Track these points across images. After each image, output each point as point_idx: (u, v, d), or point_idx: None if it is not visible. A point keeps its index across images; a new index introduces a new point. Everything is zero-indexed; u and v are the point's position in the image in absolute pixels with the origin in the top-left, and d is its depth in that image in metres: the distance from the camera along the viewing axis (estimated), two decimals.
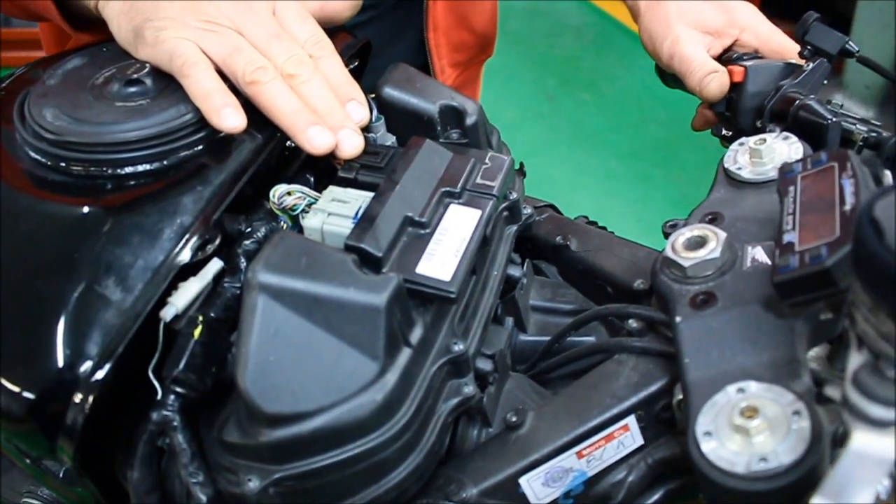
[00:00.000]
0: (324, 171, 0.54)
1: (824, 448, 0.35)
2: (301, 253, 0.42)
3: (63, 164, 0.47)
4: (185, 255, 0.43)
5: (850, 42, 0.59)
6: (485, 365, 0.51)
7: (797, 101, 0.58)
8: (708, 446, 0.37)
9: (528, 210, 0.60)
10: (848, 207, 0.40)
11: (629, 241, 0.60)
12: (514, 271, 0.58)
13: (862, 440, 0.30)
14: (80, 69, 0.53)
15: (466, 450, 0.51)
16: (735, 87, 0.63)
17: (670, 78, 0.77)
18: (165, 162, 0.48)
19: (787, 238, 0.42)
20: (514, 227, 0.59)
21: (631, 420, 0.47)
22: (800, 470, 0.35)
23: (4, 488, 0.71)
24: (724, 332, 0.43)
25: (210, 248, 0.43)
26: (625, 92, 3.29)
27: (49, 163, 0.47)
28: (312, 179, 0.54)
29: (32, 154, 0.48)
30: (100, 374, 0.40)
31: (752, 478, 0.35)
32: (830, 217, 0.41)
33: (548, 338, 0.59)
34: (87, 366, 0.40)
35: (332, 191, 0.49)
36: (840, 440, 0.34)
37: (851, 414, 0.30)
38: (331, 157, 0.51)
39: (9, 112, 0.51)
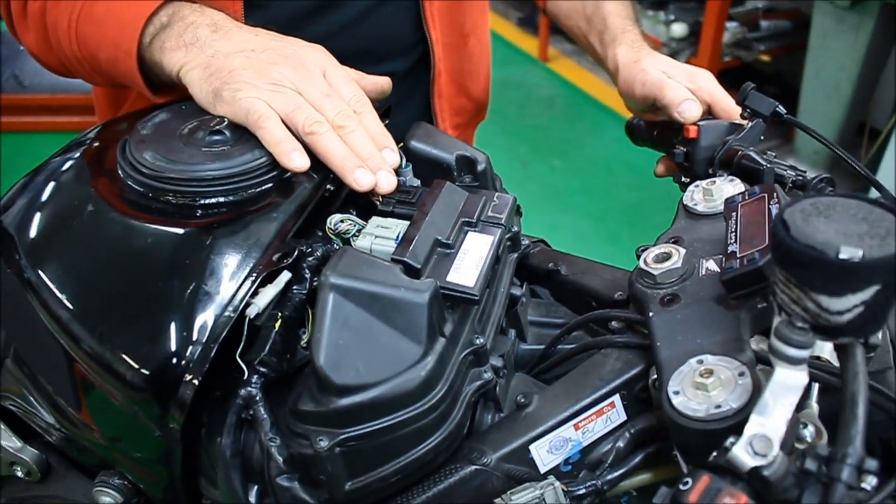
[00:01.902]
0: (363, 205, 0.67)
1: (761, 397, 0.48)
2: (361, 263, 0.54)
3: (161, 195, 0.59)
4: (266, 266, 0.55)
5: (779, 107, 0.75)
6: (496, 362, 0.63)
7: (739, 153, 0.72)
8: (677, 400, 0.49)
9: (525, 241, 0.73)
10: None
11: (608, 265, 0.74)
12: (516, 291, 0.70)
13: (782, 373, 0.42)
14: (167, 122, 0.66)
15: (483, 430, 0.62)
16: (690, 142, 0.77)
17: (639, 137, 0.91)
18: (244, 195, 0.60)
19: (730, 248, 0.55)
20: (515, 255, 0.72)
21: (616, 398, 0.59)
22: (745, 412, 0.47)
23: (64, 490, 0.79)
24: (686, 322, 0.56)
25: (287, 261, 0.55)
26: (593, 158, 3.50)
27: (150, 194, 0.59)
28: (354, 212, 0.66)
29: (135, 186, 0.60)
30: (206, 358, 0.51)
31: (711, 419, 0.48)
32: (762, 232, 0.54)
33: (543, 347, 0.71)
34: (196, 350, 0.51)
35: (376, 220, 0.62)
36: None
37: (774, 356, 0.43)
38: (370, 193, 0.64)
39: (111, 155, 0.63)
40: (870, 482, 0.42)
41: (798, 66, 2.94)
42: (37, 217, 0.62)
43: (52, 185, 0.65)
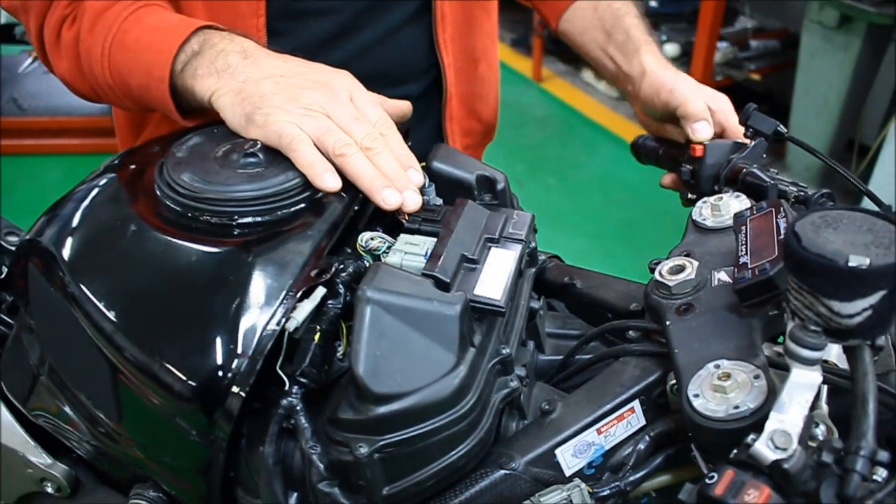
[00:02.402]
0: (388, 223, 0.70)
1: (776, 398, 0.51)
2: (395, 277, 0.57)
3: (200, 215, 0.62)
4: (305, 282, 0.58)
5: (780, 126, 0.79)
6: (520, 371, 0.66)
7: (744, 170, 0.76)
8: (697, 402, 0.53)
9: (542, 257, 0.76)
10: (782, 237, 0.58)
11: (622, 279, 0.77)
12: (535, 304, 0.74)
13: (797, 374, 0.46)
14: (201, 145, 0.69)
15: (508, 437, 0.65)
16: (696, 161, 0.81)
17: (644, 155, 0.95)
18: (279, 214, 0.63)
19: (742, 260, 0.59)
20: (533, 270, 0.75)
21: (636, 404, 0.62)
22: (762, 412, 0.50)
23: None
24: (701, 330, 0.59)
25: (325, 277, 0.58)
26: (588, 177, 3.55)
27: (189, 214, 0.63)
28: (380, 229, 0.69)
29: (174, 206, 0.63)
30: (252, 371, 0.54)
31: (730, 419, 0.51)
32: (771, 244, 0.58)
33: (561, 357, 0.74)
34: (243, 363, 0.54)
35: (404, 237, 0.65)
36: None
37: (790, 358, 0.46)
38: (396, 212, 0.67)
39: (147, 176, 0.67)
40: (880, 474, 0.45)
41: (788, 84, 3.01)
42: (78, 236, 0.65)
43: (89, 206, 0.68)
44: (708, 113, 0.82)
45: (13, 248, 1.00)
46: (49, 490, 0.82)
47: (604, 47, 0.99)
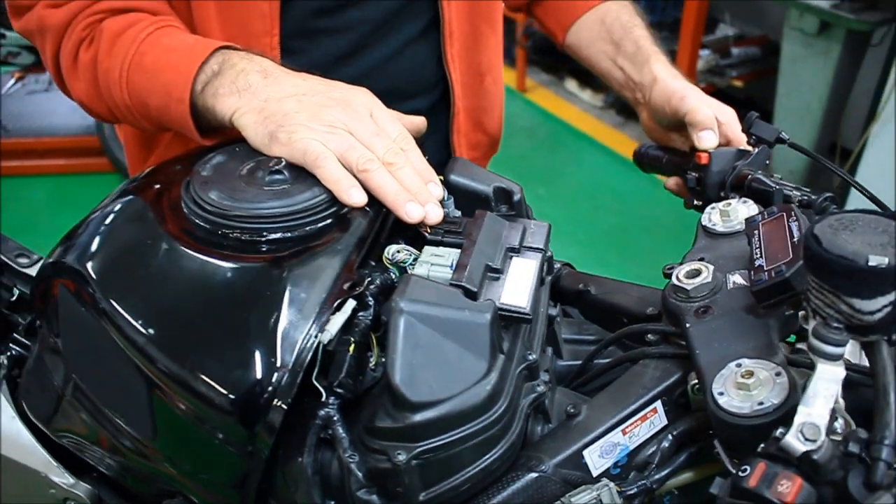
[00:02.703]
0: (410, 236, 0.72)
1: (798, 392, 0.53)
2: (426, 288, 0.59)
3: (229, 232, 0.64)
4: (338, 295, 0.60)
5: (782, 133, 0.82)
6: (544, 377, 0.68)
7: (749, 176, 0.79)
8: (722, 400, 0.55)
9: (557, 265, 0.79)
10: (795, 239, 0.60)
11: (635, 284, 0.79)
12: (552, 311, 0.76)
13: (822, 369, 0.48)
14: (225, 163, 0.70)
15: (534, 441, 0.67)
16: (702, 168, 0.84)
17: (647, 164, 0.98)
18: (307, 230, 0.65)
19: (757, 263, 0.61)
20: (549, 277, 0.77)
21: (658, 404, 0.64)
22: (785, 406, 0.52)
23: None
24: (721, 331, 0.61)
25: (358, 289, 0.60)
26: (576, 185, 3.59)
27: (219, 231, 0.64)
28: (402, 242, 0.71)
29: (202, 224, 0.65)
30: (293, 384, 0.56)
31: (755, 415, 0.53)
32: (784, 247, 0.61)
33: (579, 362, 0.76)
34: (283, 376, 0.56)
35: (429, 249, 0.67)
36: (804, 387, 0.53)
37: (815, 354, 0.49)
38: (419, 225, 0.69)
39: (172, 195, 0.68)
40: None
41: (769, 90, 3.07)
42: (109, 255, 0.66)
43: (116, 225, 0.69)
44: (715, 122, 0.84)
45: (24, 270, 1.01)
46: None
47: (613, 58, 1.01)
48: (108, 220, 0.70)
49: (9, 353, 0.87)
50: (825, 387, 0.48)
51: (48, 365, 0.76)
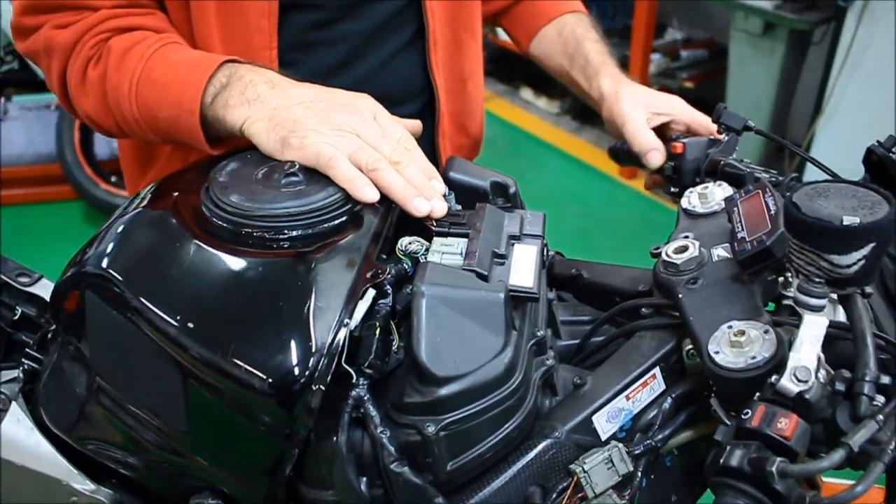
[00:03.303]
0: (414, 230, 0.77)
1: (785, 347, 0.59)
2: (444, 273, 0.64)
3: (252, 232, 0.68)
4: (363, 283, 0.64)
5: (749, 121, 0.89)
6: (550, 353, 0.73)
7: (722, 162, 0.86)
8: (718, 357, 0.61)
9: (551, 252, 0.84)
10: (772, 212, 0.67)
11: (624, 266, 0.85)
12: (549, 294, 0.81)
13: (808, 319, 0.54)
14: (239, 169, 0.74)
15: (544, 412, 0.72)
16: (677, 158, 0.90)
17: (623, 158, 1.05)
18: (325, 227, 0.69)
19: (740, 235, 0.68)
20: (545, 262, 0.83)
21: (656, 371, 0.70)
22: (775, 359, 0.58)
23: None
24: (711, 299, 0.67)
25: (380, 278, 0.65)
26: (538, 191, 3.66)
27: (242, 231, 0.68)
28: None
29: (226, 226, 0.68)
30: (330, 367, 0.60)
31: (749, 368, 0.59)
32: (763, 219, 0.67)
33: (577, 341, 0.82)
34: (321, 361, 0.60)
35: (438, 240, 0.72)
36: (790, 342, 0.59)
37: (800, 307, 0.55)
38: (425, 218, 0.74)
39: (193, 200, 0.72)
40: (879, 400, 0.54)
41: (718, 90, 3.20)
42: (139, 260, 0.69)
43: (134, 231, 0.73)
44: (655, 143, 0.93)
45: (26, 289, 1.03)
46: None
47: (569, 70, 1.10)
48: (126, 229, 0.73)
49: (23, 368, 0.88)
50: (811, 335, 0.54)
51: (69, 374, 0.79)
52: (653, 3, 3.16)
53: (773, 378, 0.54)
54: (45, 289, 1.03)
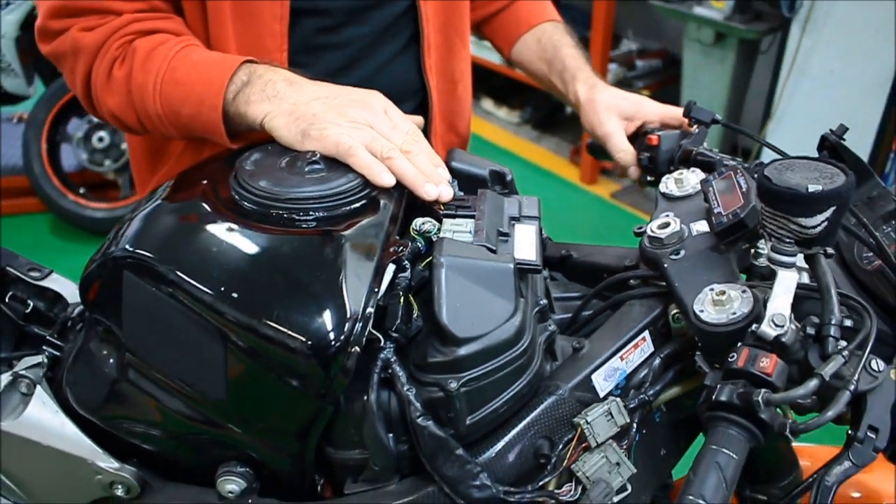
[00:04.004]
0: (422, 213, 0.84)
1: (760, 304, 0.68)
2: (459, 247, 0.72)
3: (283, 213, 0.74)
4: (388, 257, 0.71)
5: (716, 115, 0.99)
6: (553, 326, 0.81)
7: (694, 151, 0.95)
8: (703, 315, 0.69)
9: (544, 234, 0.92)
10: (744, 189, 0.76)
11: (608, 246, 0.94)
12: (544, 273, 0.89)
13: (781, 274, 0.63)
14: (263, 158, 0.81)
15: (549, 374, 0.79)
16: (653, 149, 0.99)
17: (599, 153, 1.14)
18: (347, 209, 0.76)
19: (716, 210, 0.76)
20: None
21: (646, 334, 0.78)
22: (753, 314, 0.67)
23: (164, 500, 0.88)
24: (693, 267, 0.76)
25: (403, 252, 0.72)
26: None
27: (271, 212, 0.74)
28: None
29: (254, 207, 0.74)
30: (364, 331, 0.66)
31: (731, 323, 0.67)
32: (736, 196, 0.76)
33: (570, 315, 0.90)
34: (356, 326, 0.66)
35: (448, 221, 0.79)
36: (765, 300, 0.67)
37: (775, 264, 0.64)
38: (433, 202, 0.81)
39: (223, 187, 0.78)
40: (842, 343, 0.63)
41: (673, 97, 3.34)
42: (174, 241, 0.74)
43: (165, 216, 0.78)
44: (625, 145, 1.04)
45: (38, 283, 1.07)
46: (119, 492, 0.89)
47: (547, 75, 1.19)
48: (157, 215, 0.79)
49: (45, 354, 0.93)
50: (785, 287, 0.63)
51: (96, 355, 0.84)
52: (609, 15, 3.29)
53: (754, 326, 0.63)
54: (55, 283, 1.07)
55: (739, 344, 0.65)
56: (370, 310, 0.67)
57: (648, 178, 1.02)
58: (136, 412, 0.83)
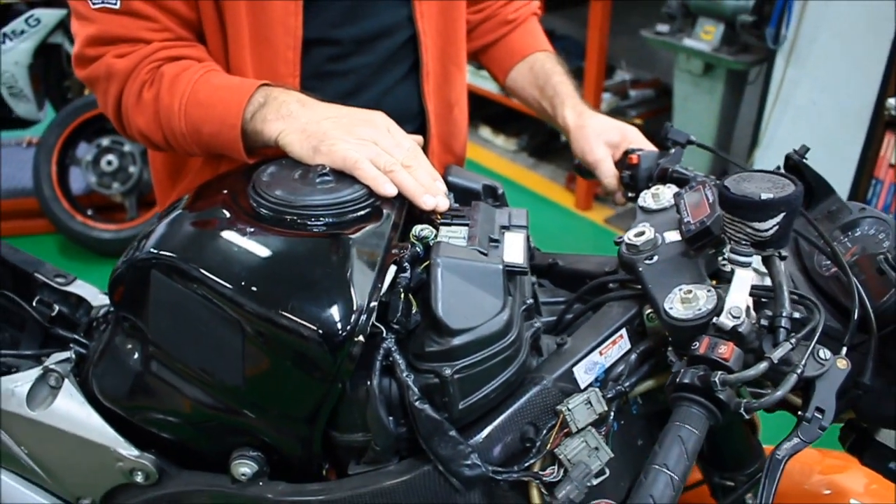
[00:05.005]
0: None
1: (723, 301, 0.76)
2: (454, 249, 0.80)
3: (296, 219, 0.82)
4: (390, 259, 0.79)
5: (691, 136, 1.08)
6: (538, 323, 0.89)
7: (670, 169, 1.04)
8: (673, 312, 0.77)
9: (532, 243, 1.01)
10: (711, 200, 0.84)
11: (592, 255, 1.02)
12: (531, 278, 0.97)
13: (739, 273, 0.71)
14: (279, 171, 0.89)
15: (534, 368, 0.87)
16: (633, 168, 1.08)
17: (585, 173, 1.22)
18: (353, 216, 0.84)
19: (686, 219, 0.85)
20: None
21: (623, 332, 0.86)
22: (716, 310, 0.75)
23: (181, 486, 0.95)
24: (665, 271, 0.84)
25: (404, 254, 0.80)
26: None
27: (285, 217, 0.82)
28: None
29: (270, 213, 0.83)
30: (368, 323, 0.75)
31: (697, 318, 0.75)
32: (704, 206, 0.84)
33: (555, 318, 0.98)
34: (361, 318, 0.74)
35: (444, 228, 0.87)
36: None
37: (733, 264, 0.72)
38: (431, 212, 0.90)
39: (241, 197, 0.86)
40: (793, 335, 0.71)
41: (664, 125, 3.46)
42: (193, 240, 0.83)
43: (187, 222, 0.86)
44: (612, 170, 1.13)
45: (63, 289, 1.15)
46: (138, 479, 0.96)
47: (539, 101, 1.29)
48: (180, 221, 0.87)
49: (73, 350, 1.00)
50: (741, 284, 0.71)
51: (122, 350, 0.92)
52: (602, 46, 3.41)
53: (715, 318, 0.71)
54: (79, 288, 1.16)
55: (703, 336, 0.73)
56: (374, 303, 0.75)
57: (629, 194, 1.11)
58: (157, 402, 0.90)
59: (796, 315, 0.70)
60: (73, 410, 0.96)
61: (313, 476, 0.87)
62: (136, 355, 0.90)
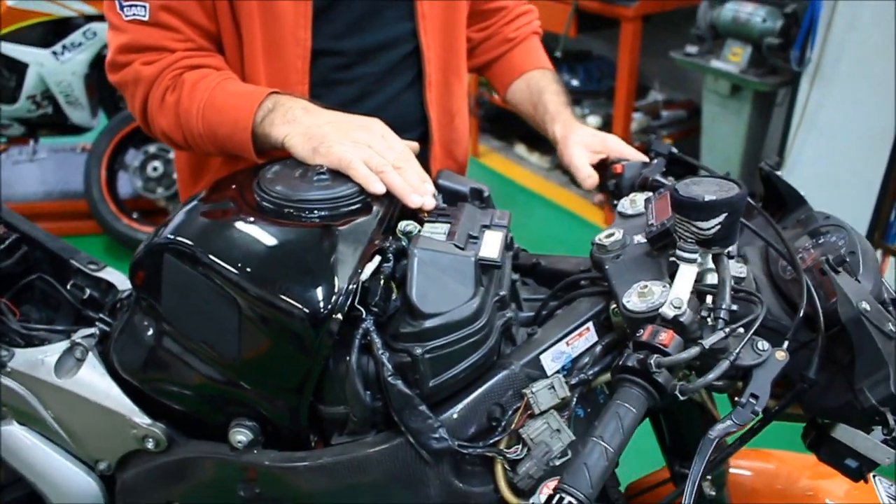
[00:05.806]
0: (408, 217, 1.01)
1: (675, 280, 0.82)
2: (431, 242, 0.88)
3: (293, 212, 0.91)
4: (372, 248, 0.88)
5: (673, 148, 1.14)
6: (511, 312, 0.96)
7: (650, 178, 1.10)
8: (630, 304, 0.84)
9: (516, 246, 1.08)
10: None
11: (573, 256, 1.09)
12: (514, 276, 1.05)
13: (683, 267, 0.78)
14: (282, 170, 0.99)
15: (504, 355, 0.94)
16: (618, 176, 1.15)
17: (572, 179, 1.30)
18: (346, 210, 0.93)
19: (650, 222, 0.92)
20: (511, 252, 1.07)
21: (590, 325, 0.93)
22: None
23: (188, 453, 1.04)
24: (629, 269, 0.91)
25: (387, 245, 0.88)
26: (530, 236, 3.86)
27: (284, 210, 0.92)
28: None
29: (271, 206, 0.92)
30: (346, 303, 0.83)
31: (649, 310, 0.82)
32: (667, 211, 0.91)
33: (534, 313, 1.05)
34: (340, 298, 0.83)
35: (428, 224, 0.96)
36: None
37: (680, 260, 0.79)
38: (419, 210, 0.98)
39: (247, 192, 0.96)
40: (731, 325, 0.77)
41: (694, 146, 3.49)
42: (209, 233, 0.92)
43: (200, 212, 0.96)
44: (589, 173, 1.20)
45: (95, 274, 1.27)
46: (149, 445, 1.05)
47: (533, 117, 1.37)
48: (195, 211, 0.97)
49: (97, 327, 1.11)
50: (685, 278, 0.78)
51: (139, 327, 1.02)
52: (633, 67, 3.47)
53: (661, 310, 0.78)
54: (109, 275, 1.27)
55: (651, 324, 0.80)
56: (353, 286, 0.84)
57: (614, 202, 1.17)
58: (167, 374, 1.00)
59: (734, 308, 0.76)
60: (94, 380, 1.07)
61: (303, 447, 0.95)
62: (150, 332, 1.00)
